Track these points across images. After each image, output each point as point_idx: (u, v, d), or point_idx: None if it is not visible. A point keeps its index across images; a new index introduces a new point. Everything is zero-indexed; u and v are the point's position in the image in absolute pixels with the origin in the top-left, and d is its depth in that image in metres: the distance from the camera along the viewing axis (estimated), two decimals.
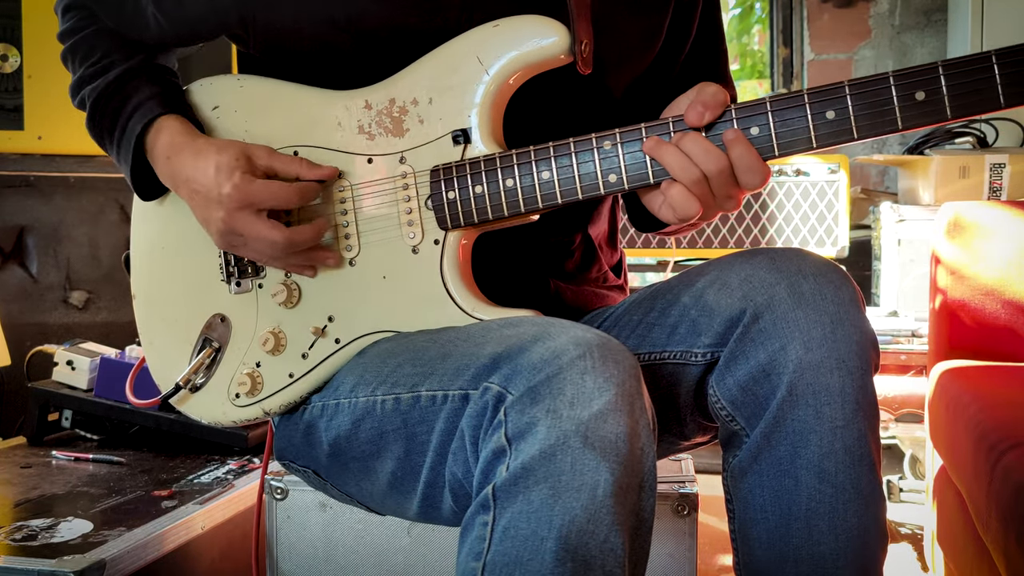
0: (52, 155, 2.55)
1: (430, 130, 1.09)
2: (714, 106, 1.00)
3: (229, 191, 1.07)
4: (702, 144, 0.99)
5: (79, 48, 1.21)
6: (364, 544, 1.40)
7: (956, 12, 3.32)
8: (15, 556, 1.31)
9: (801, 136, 0.99)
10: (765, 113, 0.99)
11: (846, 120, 0.97)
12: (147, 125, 1.14)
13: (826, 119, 0.98)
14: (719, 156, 0.99)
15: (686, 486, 1.38)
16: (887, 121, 0.96)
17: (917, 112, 0.95)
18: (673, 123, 1.02)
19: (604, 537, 0.83)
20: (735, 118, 1.00)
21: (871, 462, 0.97)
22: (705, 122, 1.00)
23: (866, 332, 0.98)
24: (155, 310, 1.23)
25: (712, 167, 0.99)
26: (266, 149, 1.11)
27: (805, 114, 0.98)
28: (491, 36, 1.06)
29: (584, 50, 1.06)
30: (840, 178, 2.85)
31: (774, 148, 1.00)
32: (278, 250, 1.09)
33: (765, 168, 1.00)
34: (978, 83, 0.93)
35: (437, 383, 0.98)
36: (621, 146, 1.03)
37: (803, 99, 0.98)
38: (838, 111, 0.97)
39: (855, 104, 0.97)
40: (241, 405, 1.16)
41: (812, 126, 0.98)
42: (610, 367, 0.87)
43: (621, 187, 1.04)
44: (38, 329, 2.59)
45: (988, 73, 0.93)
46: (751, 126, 1.00)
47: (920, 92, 0.95)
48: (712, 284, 1.04)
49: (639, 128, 1.03)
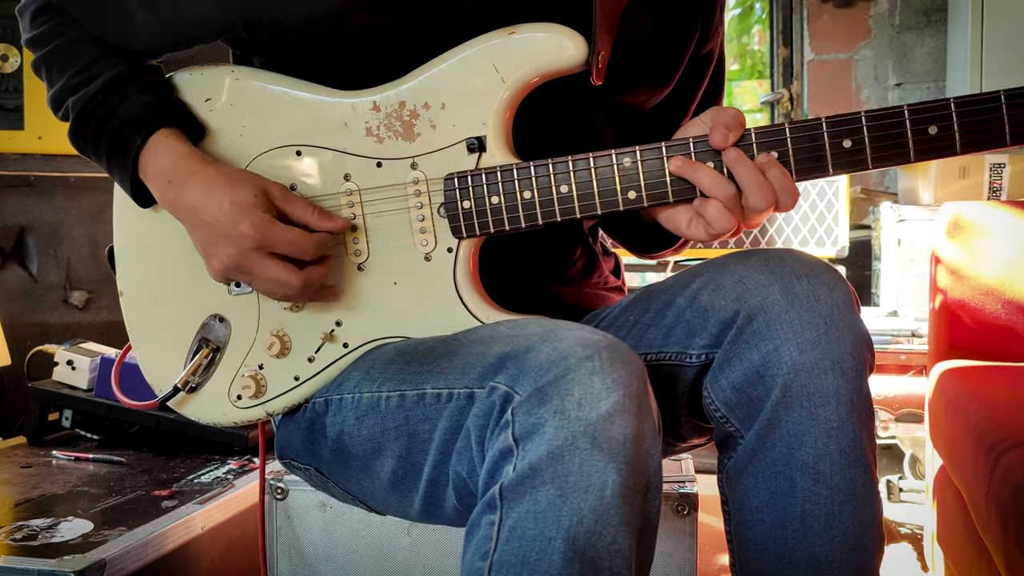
0: (52, 155, 2.55)
1: (443, 136, 1.07)
2: (736, 128, 1.02)
3: (246, 230, 1.03)
4: (746, 163, 1.01)
5: (57, 56, 1.14)
6: (364, 544, 1.40)
7: (956, 12, 3.32)
8: (15, 556, 1.31)
9: (819, 164, 1.01)
10: (784, 139, 1.01)
11: (862, 151, 1.00)
12: (143, 141, 1.09)
13: (843, 148, 1.00)
14: (754, 170, 1.01)
15: (686, 486, 1.38)
16: (901, 153, 1.00)
17: (929, 146, 0.99)
18: (694, 143, 1.03)
19: (612, 538, 0.83)
20: (755, 142, 1.02)
21: (866, 463, 0.97)
22: (730, 143, 1.02)
23: (860, 333, 0.98)
24: (145, 309, 1.20)
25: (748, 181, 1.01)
26: (281, 188, 1.08)
27: (823, 142, 1.01)
28: (508, 43, 1.05)
29: (600, 61, 1.06)
30: (840, 178, 2.85)
31: (792, 172, 1.02)
32: (291, 291, 1.06)
33: (796, 190, 1.02)
34: (987, 121, 0.98)
35: (443, 381, 0.98)
36: (641, 164, 1.04)
37: (821, 127, 1.00)
38: (855, 140, 1.00)
39: (871, 136, 1.00)
40: (243, 407, 1.15)
41: (830, 154, 1.01)
42: (618, 368, 0.87)
43: (640, 204, 1.04)
44: (38, 329, 2.59)
45: (997, 112, 0.97)
46: (771, 150, 1.02)
47: (933, 127, 0.99)
48: (706, 285, 1.04)
49: (659, 147, 1.04)
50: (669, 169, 1.03)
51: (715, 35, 1.25)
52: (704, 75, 1.27)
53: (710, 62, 1.26)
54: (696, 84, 1.26)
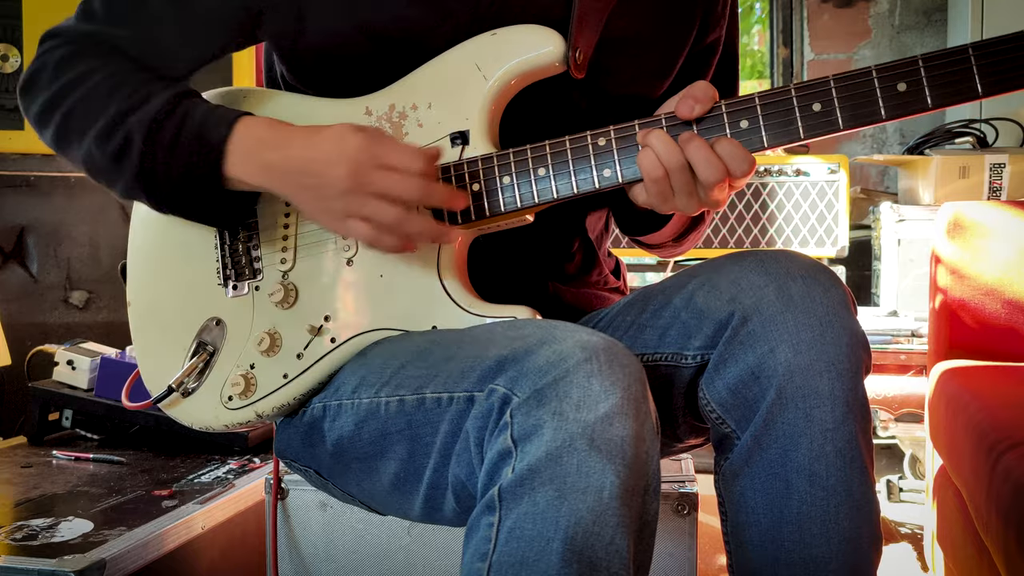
0: (52, 155, 2.54)
1: (429, 133, 1.10)
2: (704, 100, 1.02)
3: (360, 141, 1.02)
4: (696, 140, 1.02)
5: (101, 86, 1.10)
6: (364, 544, 1.41)
7: (956, 12, 3.32)
8: (15, 556, 1.31)
9: (790, 128, 1.02)
10: (754, 107, 1.02)
11: (832, 112, 1.01)
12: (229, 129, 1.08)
13: (812, 111, 1.01)
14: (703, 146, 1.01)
15: (686, 486, 1.38)
16: (871, 111, 1.00)
17: (899, 102, 0.99)
18: (665, 119, 1.05)
19: (610, 539, 0.83)
20: (725, 112, 1.03)
21: (862, 464, 0.97)
22: (696, 115, 1.03)
23: (856, 334, 0.98)
24: (150, 316, 1.22)
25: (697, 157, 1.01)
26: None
27: (792, 107, 1.01)
28: (489, 44, 1.09)
29: (579, 57, 1.08)
30: (840, 178, 2.85)
31: (763, 140, 1.03)
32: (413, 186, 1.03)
33: (749, 156, 1.02)
34: (956, 74, 0.98)
35: (442, 385, 0.98)
36: (615, 142, 1.06)
37: (790, 93, 1.02)
38: (824, 103, 1.01)
39: (840, 96, 1.00)
40: (233, 408, 1.15)
41: (800, 117, 1.01)
42: (616, 371, 0.87)
43: (615, 181, 1.06)
44: (38, 329, 2.59)
45: (966, 64, 0.97)
46: (741, 119, 1.03)
47: (902, 83, 0.99)
48: (702, 287, 1.04)
49: (632, 125, 1.06)
50: (637, 139, 1.04)
51: (718, 26, 1.25)
52: (708, 65, 1.26)
53: (714, 53, 1.26)
54: (700, 75, 1.25)
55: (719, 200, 1.04)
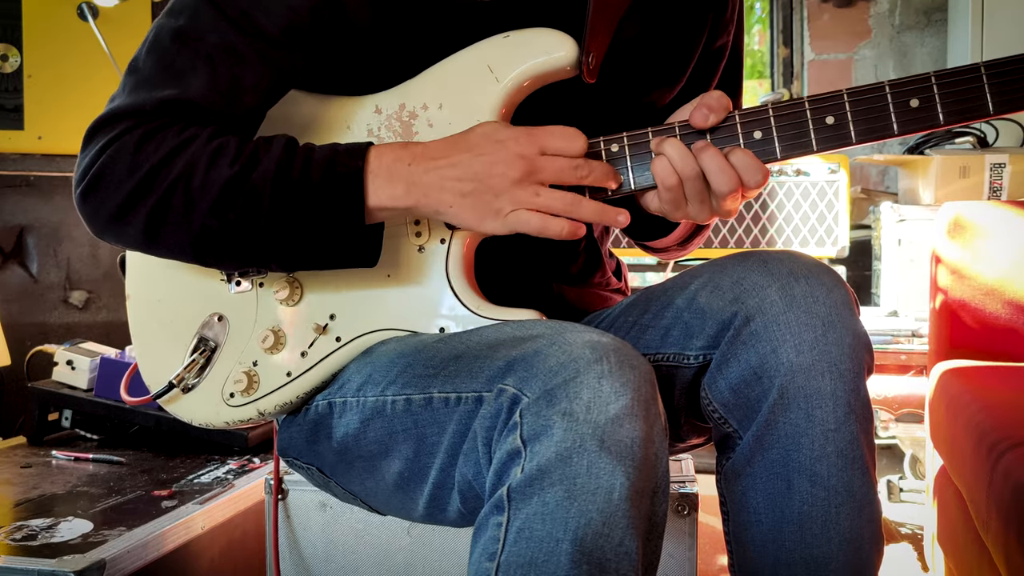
0: (52, 155, 2.55)
1: (439, 134, 1.09)
2: (718, 109, 1.03)
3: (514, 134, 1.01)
4: (710, 150, 1.02)
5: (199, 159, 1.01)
6: (364, 544, 1.40)
7: (956, 12, 3.32)
8: (15, 556, 1.31)
9: (803, 140, 1.02)
10: (767, 118, 1.03)
11: (845, 126, 1.01)
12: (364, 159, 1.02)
13: (825, 124, 1.02)
14: (717, 155, 1.02)
15: (686, 486, 1.38)
16: (884, 127, 1.01)
17: (912, 118, 1.01)
18: (679, 127, 1.05)
19: (619, 540, 0.83)
20: (739, 122, 1.03)
21: (864, 465, 0.97)
22: (710, 124, 1.03)
23: (858, 334, 0.98)
24: (150, 310, 1.21)
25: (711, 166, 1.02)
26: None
27: (806, 119, 1.02)
28: (502, 46, 1.08)
29: (591, 62, 1.07)
30: (840, 178, 2.85)
31: (777, 151, 1.03)
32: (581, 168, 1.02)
33: (763, 167, 1.02)
34: (969, 92, 0.99)
35: (450, 385, 0.98)
36: (628, 148, 1.06)
37: (804, 105, 1.02)
38: (837, 116, 1.02)
39: (853, 110, 1.01)
40: (235, 405, 1.15)
41: (813, 130, 1.02)
42: (626, 372, 0.87)
43: (628, 188, 1.07)
44: (38, 329, 2.60)
45: (978, 83, 0.99)
46: (755, 130, 1.03)
47: (914, 99, 1.00)
48: (705, 287, 1.04)
49: (646, 132, 1.06)
50: (651, 147, 1.05)
51: (726, 32, 1.25)
52: (715, 70, 1.27)
53: (721, 57, 1.27)
54: (708, 79, 1.26)
55: (731, 210, 1.05)
